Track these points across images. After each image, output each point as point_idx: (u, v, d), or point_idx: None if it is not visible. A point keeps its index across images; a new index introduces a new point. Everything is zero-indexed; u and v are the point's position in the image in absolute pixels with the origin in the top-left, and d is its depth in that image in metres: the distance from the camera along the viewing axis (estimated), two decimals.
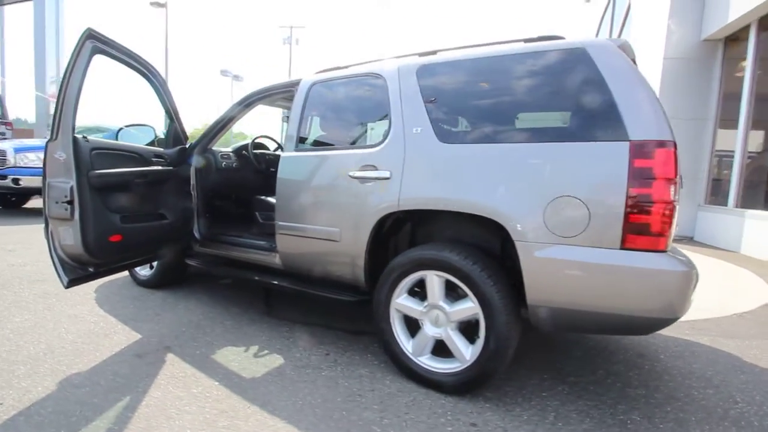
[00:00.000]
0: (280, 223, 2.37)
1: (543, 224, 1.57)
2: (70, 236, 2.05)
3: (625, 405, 1.78)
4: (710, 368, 2.18)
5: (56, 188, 2.05)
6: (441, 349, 1.89)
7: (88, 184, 2.10)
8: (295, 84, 2.56)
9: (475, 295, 1.72)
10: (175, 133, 2.81)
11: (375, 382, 1.93)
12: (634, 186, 1.43)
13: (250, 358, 2.13)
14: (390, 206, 1.93)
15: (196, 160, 2.88)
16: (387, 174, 1.95)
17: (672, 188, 1.42)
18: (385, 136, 2.03)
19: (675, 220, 1.46)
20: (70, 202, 2.03)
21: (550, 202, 1.56)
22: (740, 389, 1.96)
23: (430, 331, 1.89)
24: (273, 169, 3.72)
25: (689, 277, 1.43)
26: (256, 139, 3.69)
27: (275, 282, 2.48)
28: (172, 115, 2.79)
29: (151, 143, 2.92)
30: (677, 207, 1.46)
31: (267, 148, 3.82)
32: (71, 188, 2.02)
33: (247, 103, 2.80)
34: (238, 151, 3.41)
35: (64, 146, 2.03)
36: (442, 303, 1.84)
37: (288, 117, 4.10)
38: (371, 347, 2.29)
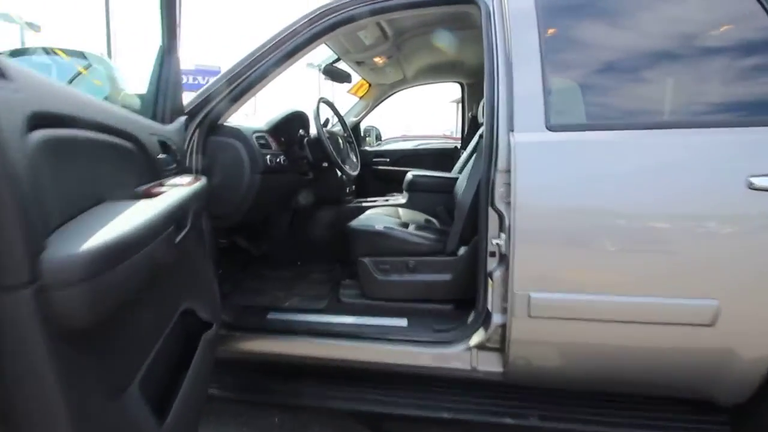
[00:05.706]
0: (535, 295, 1.04)
1: None
2: None
3: None
4: None
5: None
6: None
7: None
8: None
9: None
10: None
11: None
12: None
13: None
14: None
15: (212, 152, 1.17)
16: None
17: None
18: None
19: None
20: None
21: None
22: None
23: None
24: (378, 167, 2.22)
25: None
26: (320, 103, 1.82)
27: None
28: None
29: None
30: None
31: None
32: None
33: (334, 22, 1.26)
34: (281, 131, 1.59)
35: None
36: None
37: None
38: None
